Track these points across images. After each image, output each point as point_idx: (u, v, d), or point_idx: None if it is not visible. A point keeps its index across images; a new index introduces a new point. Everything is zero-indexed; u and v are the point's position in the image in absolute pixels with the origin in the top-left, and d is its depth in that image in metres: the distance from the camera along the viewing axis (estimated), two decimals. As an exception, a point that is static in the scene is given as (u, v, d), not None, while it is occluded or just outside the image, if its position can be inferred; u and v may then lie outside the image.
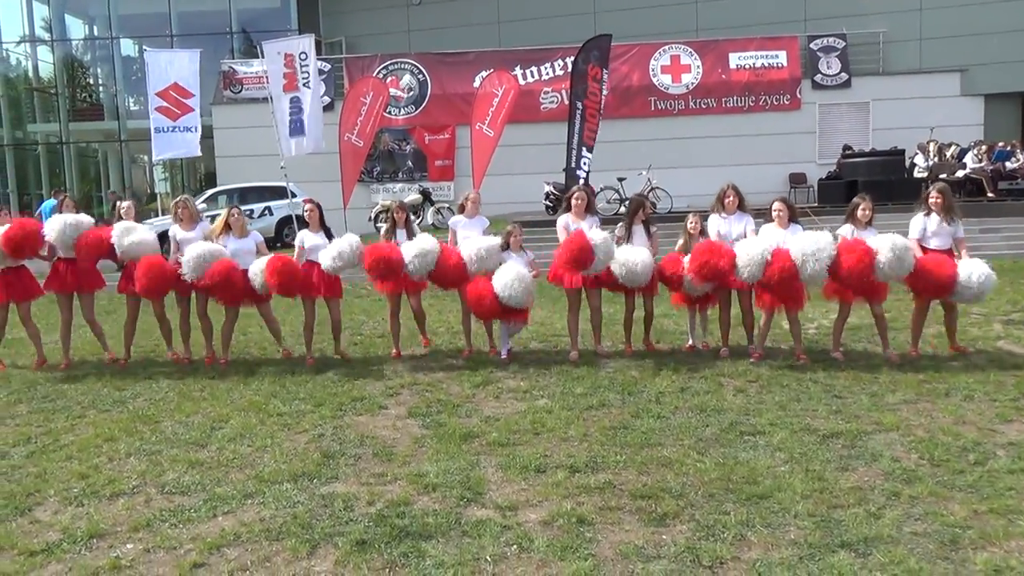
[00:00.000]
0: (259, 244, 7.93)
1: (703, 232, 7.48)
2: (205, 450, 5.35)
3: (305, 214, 8.02)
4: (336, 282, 7.85)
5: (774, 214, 7.26)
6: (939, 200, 7.19)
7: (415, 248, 7.45)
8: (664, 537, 3.87)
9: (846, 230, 7.15)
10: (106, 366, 7.97)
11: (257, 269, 7.54)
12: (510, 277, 7.18)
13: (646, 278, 7.31)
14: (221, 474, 4.89)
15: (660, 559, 3.68)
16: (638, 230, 7.60)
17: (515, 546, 3.83)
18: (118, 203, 8.50)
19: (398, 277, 7.60)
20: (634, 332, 7.87)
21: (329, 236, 7.84)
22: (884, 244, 6.76)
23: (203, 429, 5.78)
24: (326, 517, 4.20)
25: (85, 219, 7.91)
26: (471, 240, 7.65)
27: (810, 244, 6.77)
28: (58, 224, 7.73)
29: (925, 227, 7.21)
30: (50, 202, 16.90)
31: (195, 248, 7.59)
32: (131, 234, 7.80)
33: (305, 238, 7.87)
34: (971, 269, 6.87)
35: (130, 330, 8.09)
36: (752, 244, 6.97)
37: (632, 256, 7.26)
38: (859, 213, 7.15)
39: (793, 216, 7.27)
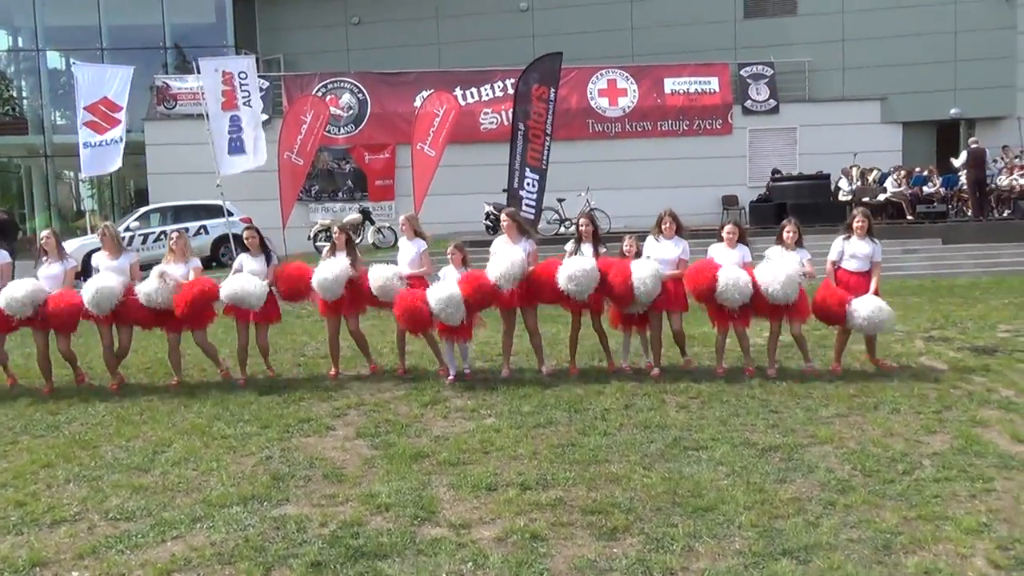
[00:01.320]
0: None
1: (639, 254, 7.70)
2: (148, 475, 5.24)
3: (245, 239, 7.93)
4: (273, 308, 7.84)
5: (725, 235, 7.55)
6: (863, 224, 7.57)
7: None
8: (615, 550, 3.98)
9: (775, 251, 7.46)
10: (44, 393, 7.68)
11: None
12: (444, 295, 7.24)
13: (590, 287, 7.39)
14: (167, 499, 4.80)
15: (613, 572, 3.79)
16: (586, 248, 7.73)
17: (471, 563, 3.89)
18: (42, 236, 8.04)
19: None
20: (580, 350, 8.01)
21: (268, 259, 7.79)
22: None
23: (145, 453, 5.66)
24: (279, 539, 4.18)
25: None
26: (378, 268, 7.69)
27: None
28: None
29: (843, 249, 7.58)
30: None
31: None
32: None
33: (244, 262, 7.79)
34: (865, 304, 7.26)
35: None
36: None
37: (576, 266, 7.37)
38: (785, 235, 7.48)
39: (742, 238, 7.57)
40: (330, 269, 7.55)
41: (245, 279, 7.55)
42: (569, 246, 7.81)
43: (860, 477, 4.88)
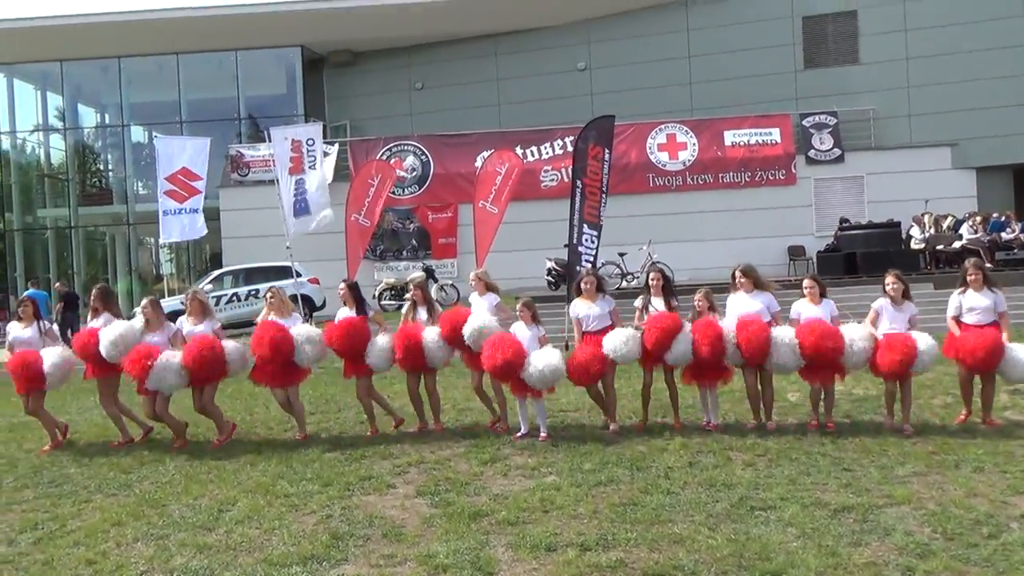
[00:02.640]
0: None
1: (712, 308, 7.57)
2: (213, 533, 5.32)
3: (340, 294, 8.17)
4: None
5: (805, 291, 7.40)
6: (977, 276, 7.26)
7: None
8: (679, 616, 3.83)
9: (880, 304, 7.26)
10: (111, 448, 7.96)
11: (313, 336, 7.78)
12: (545, 363, 7.24)
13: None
14: (229, 558, 4.85)
15: (676, 639, 3.63)
16: (657, 302, 7.64)
17: (528, 628, 3.79)
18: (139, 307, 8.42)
19: (421, 358, 7.74)
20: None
21: (363, 311, 8.02)
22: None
23: (210, 512, 5.75)
24: (336, 600, 4.16)
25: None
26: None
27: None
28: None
29: (960, 304, 7.28)
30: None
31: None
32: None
33: (341, 315, 8.07)
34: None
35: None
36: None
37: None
38: (889, 289, 7.24)
39: (823, 292, 7.42)
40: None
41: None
42: (639, 301, 7.75)
43: (941, 540, 4.60)
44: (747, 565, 4.34)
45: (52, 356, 7.96)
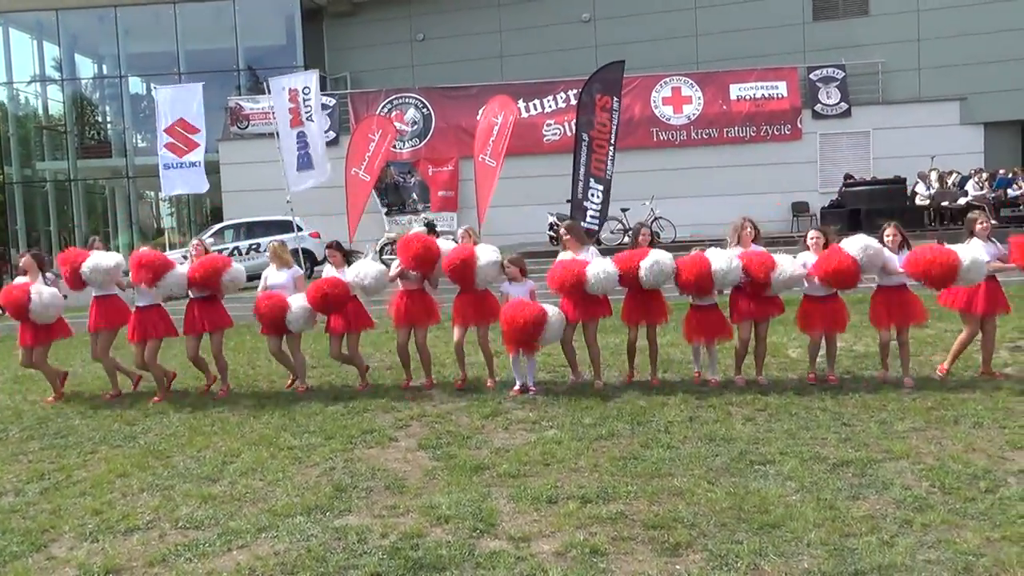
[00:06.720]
0: (297, 279, 8.12)
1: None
2: (217, 484, 5.37)
3: (328, 258, 8.16)
4: (363, 316, 8.03)
5: (810, 242, 7.42)
6: (986, 225, 7.35)
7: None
8: (678, 567, 3.88)
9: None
10: (104, 400, 8.04)
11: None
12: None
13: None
14: (234, 508, 4.91)
15: (674, 589, 3.69)
16: None
17: (529, 578, 3.84)
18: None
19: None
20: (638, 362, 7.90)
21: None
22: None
23: (214, 463, 5.81)
24: (340, 550, 4.21)
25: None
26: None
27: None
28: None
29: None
30: None
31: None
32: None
33: (326, 274, 8.06)
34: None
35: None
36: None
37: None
38: (886, 239, 7.22)
39: (827, 244, 7.39)
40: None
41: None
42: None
43: (939, 494, 4.64)
44: (746, 518, 4.38)
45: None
